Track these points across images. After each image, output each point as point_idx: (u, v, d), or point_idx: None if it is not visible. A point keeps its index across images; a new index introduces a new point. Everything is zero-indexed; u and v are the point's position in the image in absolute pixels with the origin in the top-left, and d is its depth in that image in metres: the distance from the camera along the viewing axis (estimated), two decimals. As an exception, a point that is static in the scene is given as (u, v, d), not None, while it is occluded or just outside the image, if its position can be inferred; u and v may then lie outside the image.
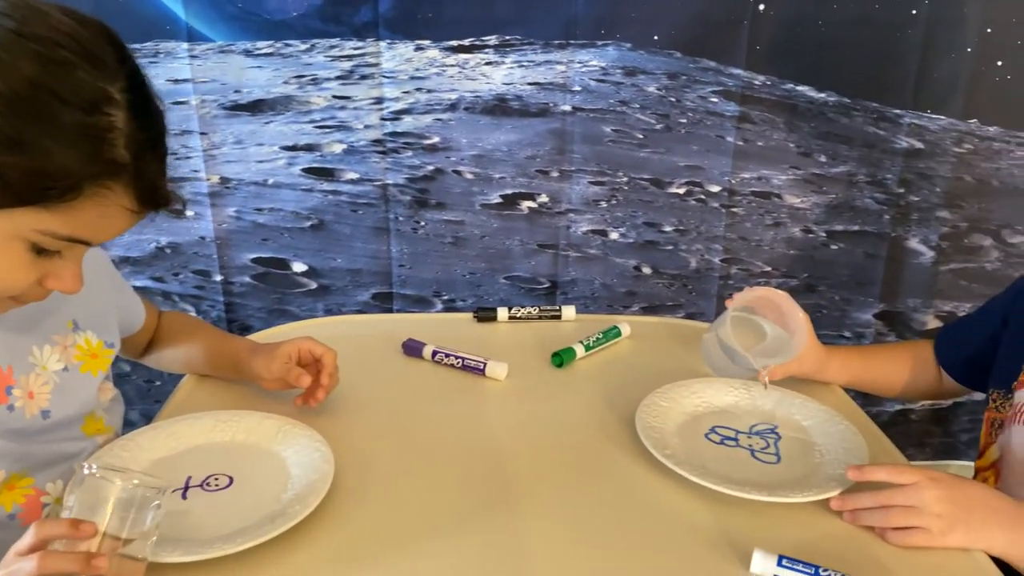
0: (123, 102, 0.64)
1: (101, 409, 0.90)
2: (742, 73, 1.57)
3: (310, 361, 0.98)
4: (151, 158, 0.67)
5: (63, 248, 0.68)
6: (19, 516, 0.79)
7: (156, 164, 0.68)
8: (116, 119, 0.63)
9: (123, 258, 1.65)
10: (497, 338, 1.22)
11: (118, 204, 0.66)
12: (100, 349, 0.89)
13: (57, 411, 0.82)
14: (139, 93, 0.66)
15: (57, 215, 0.64)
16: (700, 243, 1.70)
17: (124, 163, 0.64)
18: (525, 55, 1.56)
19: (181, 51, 1.51)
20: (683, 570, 0.75)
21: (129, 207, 0.67)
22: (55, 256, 0.68)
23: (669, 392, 1.00)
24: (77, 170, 0.62)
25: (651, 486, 0.86)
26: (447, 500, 0.84)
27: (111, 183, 0.64)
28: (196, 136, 1.57)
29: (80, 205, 0.64)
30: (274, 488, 0.82)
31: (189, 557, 0.70)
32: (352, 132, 1.59)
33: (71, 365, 0.85)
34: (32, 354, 0.82)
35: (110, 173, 0.64)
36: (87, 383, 0.87)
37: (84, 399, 0.87)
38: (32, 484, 0.80)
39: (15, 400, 0.79)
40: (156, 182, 0.68)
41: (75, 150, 0.62)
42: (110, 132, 0.63)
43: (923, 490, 0.76)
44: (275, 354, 0.97)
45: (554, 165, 1.63)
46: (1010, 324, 0.97)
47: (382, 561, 0.75)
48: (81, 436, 0.86)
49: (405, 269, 1.70)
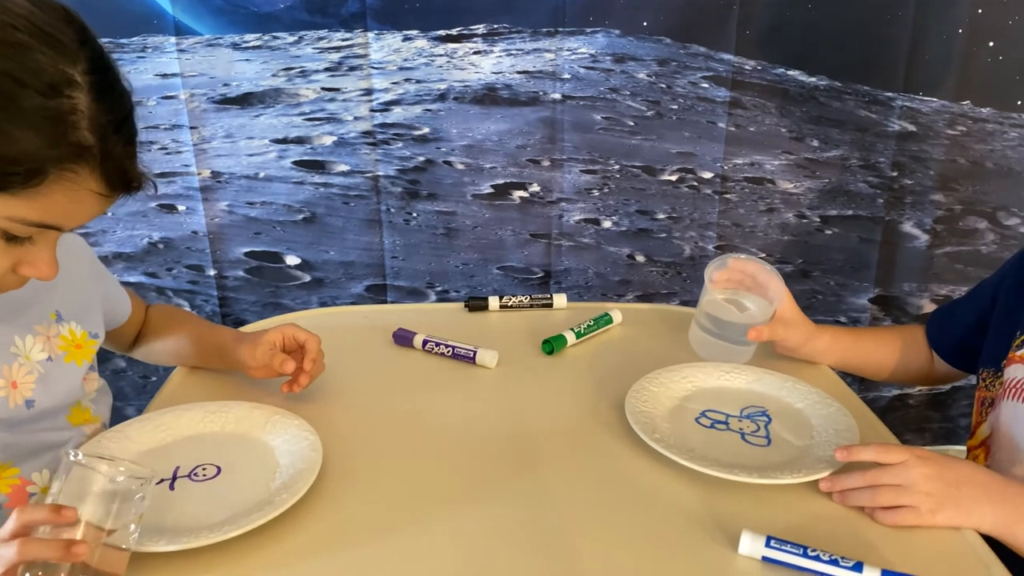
0: (85, 84, 0.63)
1: (88, 399, 0.90)
2: (732, 58, 1.56)
3: (295, 347, 0.98)
4: (117, 140, 0.66)
5: (34, 234, 0.67)
6: (5, 506, 0.79)
7: (123, 146, 0.67)
8: (78, 101, 0.63)
9: (116, 254, 1.65)
10: (488, 327, 1.22)
11: (86, 188, 0.65)
12: (84, 340, 0.89)
13: (41, 401, 0.82)
14: (102, 74, 0.65)
15: (24, 201, 0.63)
16: (693, 230, 1.70)
17: (89, 146, 0.64)
18: (514, 43, 1.55)
19: (169, 45, 1.51)
20: (672, 553, 0.75)
21: (97, 190, 0.66)
22: (27, 243, 0.68)
23: (659, 377, 1.00)
24: (40, 154, 0.62)
25: (641, 470, 0.86)
26: (436, 487, 0.84)
27: (77, 166, 0.64)
28: (186, 130, 1.57)
29: (47, 190, 0.63)
30: (262, 477, 0.82)
31: (175, 546, 0.70)
32: (342, 124, 1.59)
33: (55, 355, 0.85)
34: (14, 344, 0.82)
35: (75, 156, 0.63)
36: (71, 373, 0.87)
37: (69, 389, 0.86)
38: (18, 474, 0.80)
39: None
40: (124, 164, 0.67)
41: (37, 134, 0.61)
42: (72, 115, 0.62)
43: (911, 468, 0.76)
44: (260, 341, 0.97)
45: (545, 154, 1.63)
46: (998, 303, 0.97)
47: (369, 548, 0.75)
48: (67, 426, 0.86)
49: (398, 261, 1.70)
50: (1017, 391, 0.90)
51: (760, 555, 0.71)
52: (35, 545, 0.60)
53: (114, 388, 1.00)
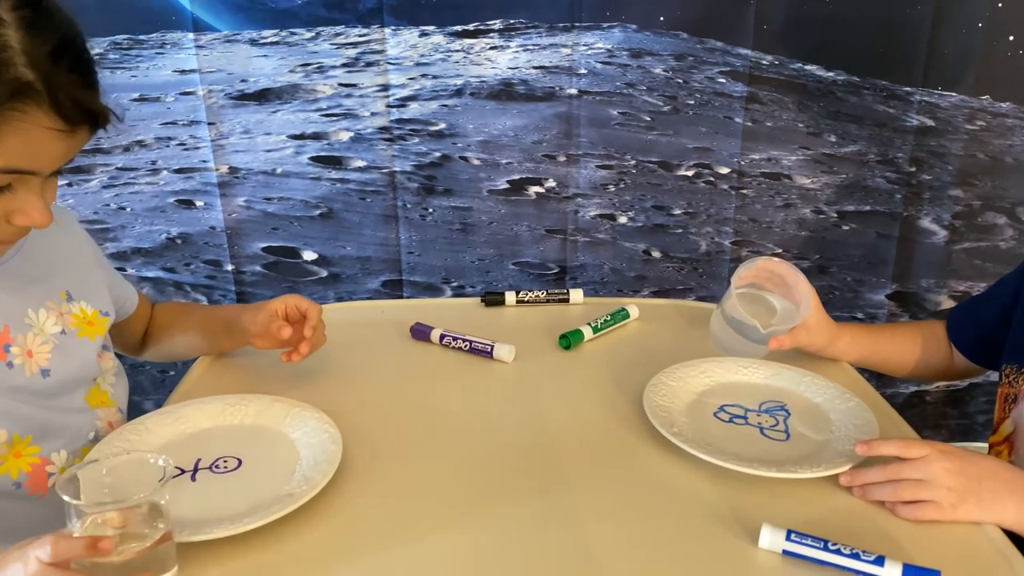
0: (13, 20, 0.63)
1: (106, 382, 0.91)
2: (749, 53, 1.55)
3: (297, 317, 0.99)
4: (60, 70, 0.65)
5: (12, 181, 0.67)
6: (25, 485, 0.80)
7: (70, 75, 0.66)
8: (8, 38, 0.62)
9: (135, 249, 1.66)
10: (505, 322, 1.22)
11: (39, 126, 0.65)
12: (95, 317, 0.91)
13: (57, 371, 0.83)
14: (33, 9, 0.64)
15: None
16: (710, 226, 1.69)
17: (29, 81, 0.63)
18: (530, 39, 1.55)
19: (187, 41, 1.52)
20: (692, 547, 0.75)
21: (53, 126, 0.65)
22: (9, 192, 0.68)
23: (677, 372, 1.00)
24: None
25: (659, 464, 0.86)
26: (454, 480, 0.84)
27: (23, 104, 0.63)
28: (204, 126, 1.58)
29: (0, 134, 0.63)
30: (283, 469, 0.82)
31: (197, 537, 0.70)
32: (359, 120, 1.59)
33: (68, 330, 0.86)
34: (28, 316, 0.83)
35: (16, 94, 0.63)
36: (85, 347, 0.88)
37: (84, 362, 0.87)
38: (38, 453, 0.81)
39: (13, 358, 0.80)
40: (75, 94, 0.66)
41: None
42: (3, 52, 0.62)
43: (932, 463, 0.75)
44: (262, 309, 0.98)
45: (561, 149, 1.62)
46: (1021, 298, 0.96)
47: (389, 541, 0.75)
48: (84, 406, 0.87)
49: (414, 256, 1.70)
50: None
51: (780, 549, 0.71)
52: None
53: (132, 382, 1.01)
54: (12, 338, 0.80)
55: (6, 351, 0.79)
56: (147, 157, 1.60)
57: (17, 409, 0.79)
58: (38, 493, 0.81)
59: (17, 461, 0.79)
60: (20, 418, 0.80)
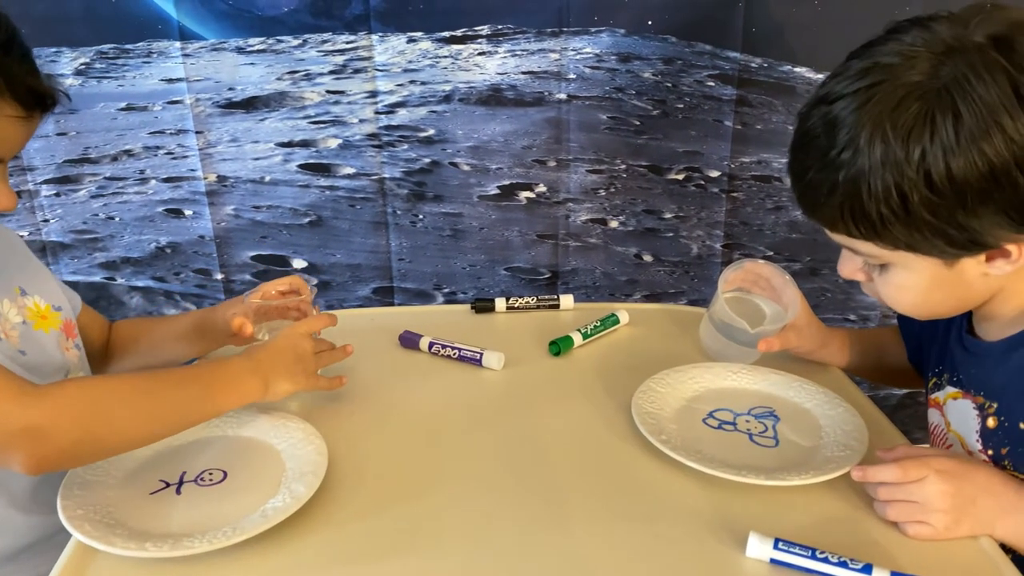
0: None
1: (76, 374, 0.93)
2: (739, 56, 1.55)
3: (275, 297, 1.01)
4: (11, 61, 0.69)
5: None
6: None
7: (16, 64, 0.70)
8: None
9: (124, 259, 1.65)
10: (495, 329, 1.22)
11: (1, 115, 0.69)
12: (48, 311, 0.93)
13: (31, 354, 0.87)
14: None
15: None
16: (701, 229, 1.69)
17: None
18: (518, 44, 1.55)
19: (174, 50, 1.51)
20: (679, 555, 0.74)
21: (13, 114, 0.70)
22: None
23: (666, 378, 0.99)
24: None
25: (648, 472, 0.85)
26: (442, 489, 0.83)
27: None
28: (192, 135, 1.58)
29: None
30: (268, 482, 0.81)
31: (180, 552, 0.70)
32: (347, 127, 1.59)
33: (27, 321, 0.89)
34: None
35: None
36: (46, 338, 0.91)
37: (50, 351, 0.90)
38: None
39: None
40: (28, 82, 0.71)
41: None
42: None
43: (928, 486, 0.74)
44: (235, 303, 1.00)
45: (551, 154, 1.62)
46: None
47: (377, 552, 0.75)
48: None
49: (405, 263, 1.70)
50: (938, 439, 0.90)
51: (768, 557, 0.71)
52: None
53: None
54: None
55: None
56: (135, 167, 1.59)
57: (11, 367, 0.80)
58: None
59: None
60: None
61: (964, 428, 0.84)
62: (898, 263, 0.76)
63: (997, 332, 0.82)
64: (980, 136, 0.65)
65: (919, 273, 0.75)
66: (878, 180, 0.68)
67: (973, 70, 0.66)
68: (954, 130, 0.66)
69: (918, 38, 0.69)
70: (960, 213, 0.68)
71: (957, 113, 0.66)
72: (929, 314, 0.83)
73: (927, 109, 0.66)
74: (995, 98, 0.65)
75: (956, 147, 0.66)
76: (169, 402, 0.79)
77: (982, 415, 0.82)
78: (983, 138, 0.65)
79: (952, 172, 0.66)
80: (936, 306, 0.81)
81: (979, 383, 0.84)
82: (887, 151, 0.67)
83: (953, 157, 0.66)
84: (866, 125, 0.68)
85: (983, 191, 0.67)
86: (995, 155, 0.66)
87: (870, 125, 0.68)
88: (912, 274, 0.76)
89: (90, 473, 0.81)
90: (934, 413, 0.91)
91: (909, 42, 0.69)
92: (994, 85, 0.65)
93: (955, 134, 0.66)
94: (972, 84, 0.66)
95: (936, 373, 0.91)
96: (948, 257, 0.73)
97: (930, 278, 0.75)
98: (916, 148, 0.67)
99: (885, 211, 0.69)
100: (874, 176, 0.68)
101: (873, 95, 0.68)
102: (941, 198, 0.67)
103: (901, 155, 0.67)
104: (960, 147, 0.66)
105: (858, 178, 0.69)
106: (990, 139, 0.65)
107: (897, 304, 0.81)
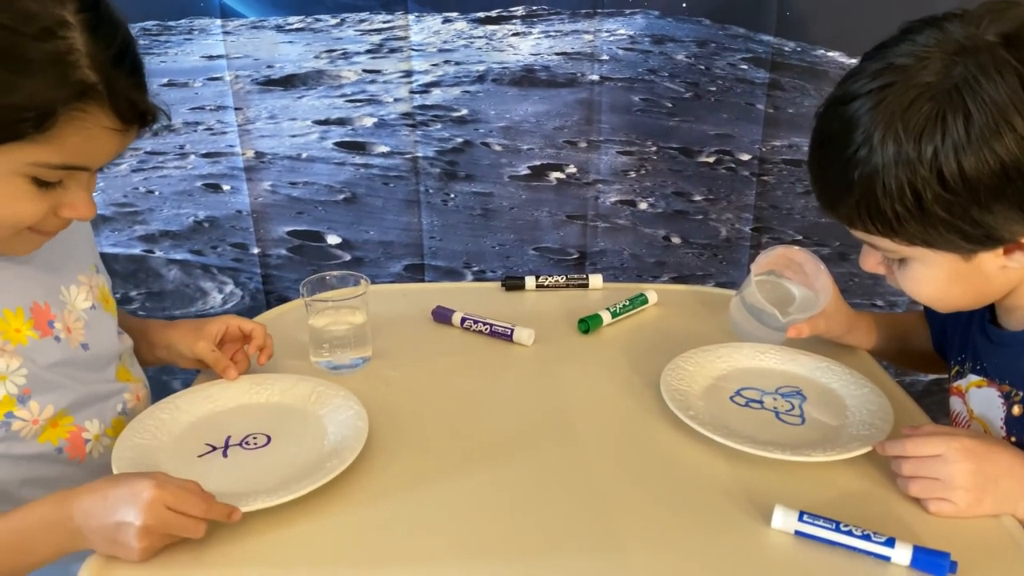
0: (78, 23, 0.65)
1: (127, 360, 0.94)
2: (772, 40, 1.55)
3: (237, 336, 0.98)
4: (120, 73, 0.68)
5: (64, 177, 0.70)
6: (66, 450, 0.84)
7: (128, 78, 0.69)
8: (74, 41, 0.65)
9: (163, 232, 1.69)
10: (525, 306, 1.24)
11: (99, 125, 0.68)
12: (108, 294, 0.94)
13: (94, 346, 0.87)
14: (93, 11, 0.67)
15: (42, 146, 0.66)
16: (730, 212, 1.69)
17: (93, 83, 0.66)
18: (552, 25, 1.56)
19: (215, 28, 1.54)
20: (706, 527, 0.77)
21: (111, 126, 0.68)
22: (59, 186, 0.71)
23: (694, 356, 1.01)
24: (45, 98, 0.64)
25: (675, 447, 0.88)
26: (474, 461, 0.86)
27: (85, 105, 0.66)
28: (231, 111, 1.61)
29: (61, 132, 0.66)
30: (312, 445, 0.85)
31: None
32: (382, 106, 1.61)
33: (96, 304, 0.89)
34: (62, 293, 0.86)
35: (81, 95, 0.65)
36: (109, 322, 0.91)
37: (112, 338, 0.91)
38: (72, 422, 0.84)
39: (59, 332, 0.83)
40: (131, 96, 0.69)
41: (38, 79, 0.64)
42: (70, 55, 0.64)
43: (950, 464, 0.75)
44: (200, 334, 0.96)
45: (582, 135, 1.63)
46: None
47: (412, 515, 0.78)
48: (115, 380, 0.91)
49: (436, 241, 1.72)
50: (961, 427, 0.90)
51: (793, 529, 0.73)
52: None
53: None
54: (54, 314, 0.84)
55: (51, 327, 0.83)
56: (175, 141, 1.63)
57: (61, 383, 0.83)
58: (78, 458, 0.85)
59: (55, 430, 0.83)
60: (64, 392, 0.83)
61: (989, 416, 0.86)
62: (917, 258, 0.77)
63: (1020, 322, 0.83)
64: (991, 134, 0.66)
65: (938, 267, 0.76)
66: (892, 179, 0.70)
67: (983, 70, 0.67)
68: (965, 129, 0.67)
69: (931, 38, 0.71)
70: (974, 210, 0.69)
71: (968, 113, 0.67)
72: (950, 306, 0.84)
73: (938, 109, 0.68)
74: (1005, 97, 0.66)
75: (967, 146, 0.67)
76: None
77: (1008, 403, 0.83)
78: (994, 136, 0.66)
79: (964, 170, 0.67)
80: (956, 299, 0.82)
81: (1004, 371, 0.85)
82: (900, 150, 0.69)
83: (965, 156, 0.67)
84: (879, 125, 0.70)
85: (996, 188, 0.68)
86: (1006, 153, 0.67)
87: (883, 125, 0.69)
88: (931, 268, 0.77)
89: (139, 436, 0.85)
90: (956, 401, 0.92)
91: (922, 43, 0.71)
92: (1004, 84, 0.66)
93: (966, 133, 0.67)
94: (982, 83, 0.67)
95: (959, 361, 0.92)
96: (965, 252, 0.74)
97: (949, 272, 0.76)
98: (928, 147, 0.68)
99: (900, 209, 0.71)
100: (888, 175, 0.70)
101: (886, 96, 0.70)
102: (954, 195, 0.69)
103: (914, 154, 0.68)
104: (971, 146, 0.67)
105: (873, 177, 0.71)
106: (1001, 137, 0.66)
107: (918, 296, 0.83)
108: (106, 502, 0.67)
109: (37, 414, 0.80)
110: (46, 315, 0.83)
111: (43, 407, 0.80)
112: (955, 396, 0.92)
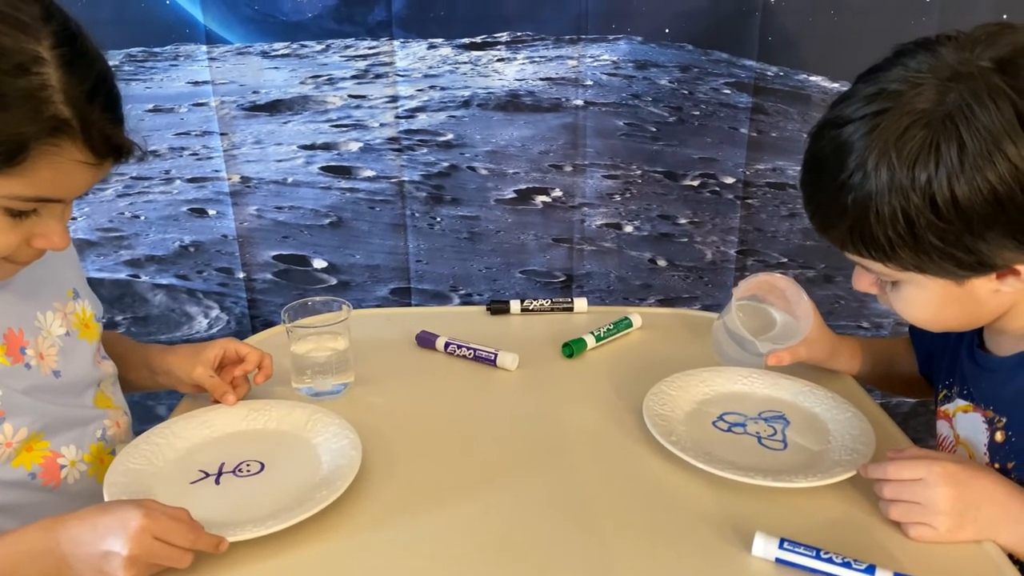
0: (53, 59, 0.65)
1: (108, 388, 0.93)
2: (755, 64, 1.57)
3: (234, 359, 0.98)
4: (94, 108, 0.68)
5: (38, 207, 0.70)
6: (39, 476, 0.83)
7: (102, 113, 0.68)
8: (48, 77, 0.64)
9: (148, 256, 1.69)
10: (510, 330, 1.24)
11: (72, 159, 0.67)
12: (91, 320, 0.93)
13: (66, 372, 0.86)
14: (70, 46, 0.67)
15: (15, 178, 0.66)
16: (715, 235, 1.70)
17: (66, 118, 0.66)
18: (537, 51, 1.57)
19: (200, 54, 1.55)
20: (687, 554, 0.76)
21: (84, 160, 0.68)
22: (34, 216, 0.71)
23: (678, 381, 1.01)
24: (18, 133, 0.64)
25: (658, 472, 0.87)
26: (456, 487, 0.86)
27: (58, 140, 0.66)
28: (216, 137, 1.61)
29: (33, 166, 0.66)
30: (304, 473, 0.84)
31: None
32: (368, 130, 1.62)
33: (71, 331, 0.89)
34: (37, 319, 0.85)
35: (54, 131, 0.65)
36: (85, 349, 0.90)
37: (85, 365, 0.90)
38: (49, 447, 0.83)
39: (30, 359, 0.83)
40: (106, 131, 0.69)
41: (11, 114, 0.63)
42: (43, 91, 0.64)
43: (931, 488, 0.75)
44: (198, 359, 0.96)
45: (567, 159, 1.64)
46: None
47: (396, 544, 0.77)
48: (93, 407, 0.90)
49: (422, 264, 1.72)
50: (947, 451, 0.91)
51: (774, 556, 0.73)
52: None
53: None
54: (27, 341, 0.83)
55: (23, 353, 0.82)
56: (161, 167, 1.63)
57: (36, 407, 0.82)
58: (52, 484, 0.84)
59: (29, 455, 0.82)
60: (39, 416, 0.82)
61: (973, 441, 0.86)
62: (910, 281, 0.77)
63: (1008, 347, 0.83)
64: (984, 162, 0.66)
65: (930, 291, 0.76)
66: (885, 205, 0.70)
67: (976, 97, 0.67)
68: (958, 157, 0.67)
69: (924, 63, 0.71)
70: (967, 237, 0.69)
71: (961, 141, 0.67)
72: (942, 328, 0.84)
73: (932, 137, 0.68)
74: (998, 124, 0.66)
75: (960, 174, 0.67)
76: None
77: (991, 429, 0.83)
78: (987, 164, 0.66)
79: (957, 198, 0.67)
80: (948, 321, 0.82)
81: (989, 397, 0.85)
82: (893, 177, 0.69)
83: (958, 183, 0.67)
84: (874, 151, 0.70)
85: (988, 216, 0.68)
86: (999, 181, 0.67)
87: (877, 151, 0.69)
88: (923, 292, 0.77)
89: (133, 461, 0.84)
90: (943, 425, 0.92)
91: (915, 68, 0.71)
92: (997, 112, 0.66)
93: (959, 161, 0.67)
94: (975, 111, 0.67)
95: (947, 385, 0.92)
96: (958, 278, 0.75)
97: (942, 295, 0.76)
98: (921, 174, 0.68)
99: (893, 235, 0.71)
100: (881, 201, 0.70)
101: (880, 122, 0.70)
102: (947, 223, 0.69)
103: (907, 181, 0.68)
104: (964, 174, 0.67)
105: (866, 202, 0.71)
106: (993, 165, 0.66)
107: (911, 318, 0.83)
108: (95, 530, 0.67)
109: (11, 436, 0.79)
110: (18, 341, 0.82)
111: (16, 429, 0.80)
112: (942, 420, 0.92)
